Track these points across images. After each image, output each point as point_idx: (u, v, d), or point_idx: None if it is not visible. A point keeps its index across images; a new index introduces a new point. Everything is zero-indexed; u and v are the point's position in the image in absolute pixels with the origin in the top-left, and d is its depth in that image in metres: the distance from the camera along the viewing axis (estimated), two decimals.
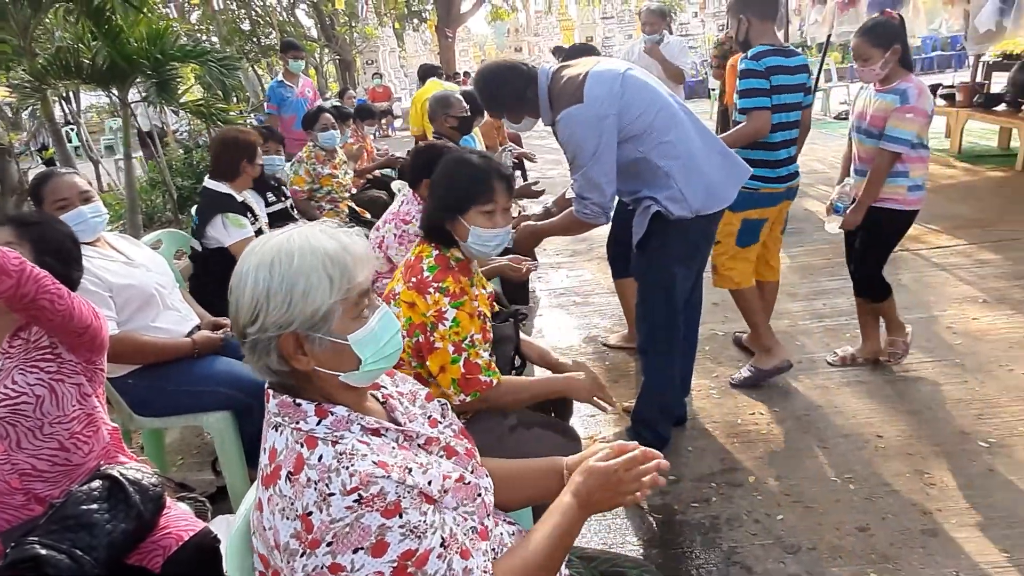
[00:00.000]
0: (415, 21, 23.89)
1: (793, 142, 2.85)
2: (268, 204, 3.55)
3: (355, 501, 0.87)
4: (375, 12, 21.27)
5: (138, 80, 5.63)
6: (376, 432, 0.99)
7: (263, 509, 0.92)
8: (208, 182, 2.97)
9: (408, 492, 0.91)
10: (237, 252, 2.85)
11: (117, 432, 1.70)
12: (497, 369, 1.74)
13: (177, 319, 2.33)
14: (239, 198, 2.97)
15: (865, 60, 2.65)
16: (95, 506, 1.41)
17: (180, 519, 1.57)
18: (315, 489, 0.87)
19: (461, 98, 3.56)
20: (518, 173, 5.94)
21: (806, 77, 2.79)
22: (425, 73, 6.46)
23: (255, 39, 16.63)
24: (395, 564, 0.88)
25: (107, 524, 1.40)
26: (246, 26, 16.61)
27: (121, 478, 1.48)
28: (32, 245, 1.64)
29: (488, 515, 1.08)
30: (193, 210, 3.95)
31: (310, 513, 0.86)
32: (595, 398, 1.81)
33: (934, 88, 7.42)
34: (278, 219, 3.59)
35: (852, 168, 2.89)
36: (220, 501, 2.39)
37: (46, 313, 1.47)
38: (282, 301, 0.93)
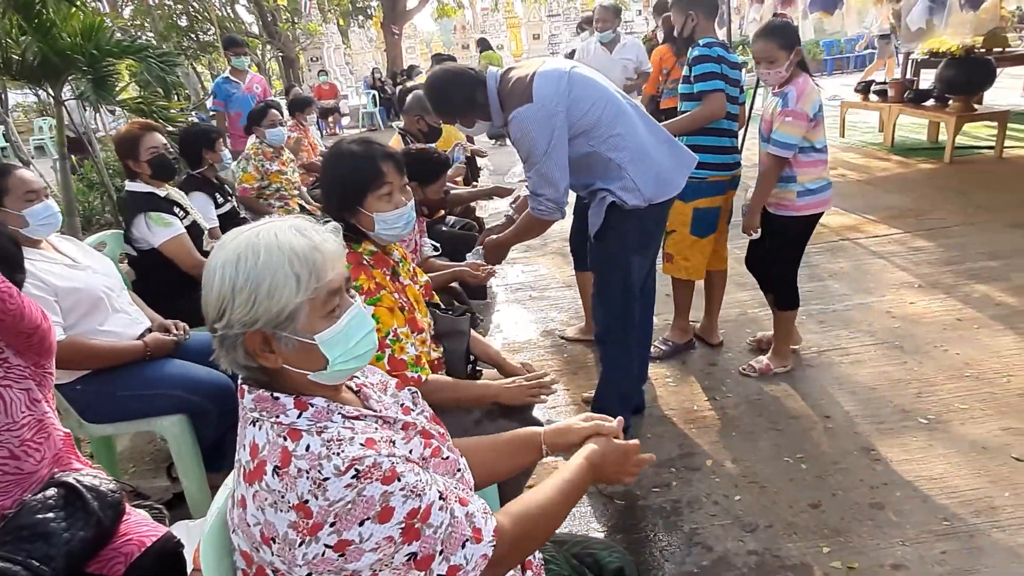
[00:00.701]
0: (360, 18, 23.54)
1: (735, 133, 2.95)
2: (218, 206, 3.44)
3: (353, 477, 0.87)
4: (319, 8, 20.87)
5: (72, 77, 5.40)
6: (356, 419, 0.99)
7: (247, 506, 0.90)
8: (128, 185, 2.85)
9: (399, 460, 0.93)
10: (169, 252, 2.73)
11: (70, 437, 1.64)
12: (427, 365, 1.72)
13: (127, 322, 2.26)
14: (162, 194, 2.81)
15: (771, 63, 2.62)
16: (51, 515, 1.36)
17: (141, 524, 1.53)
18: (307, 478, 0.87)
19: None
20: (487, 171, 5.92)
21: (740, 74, 2.91)
22: (439, 62, 6.27)
23: (193, 35, 16.13)
24: (403, 525, 0.89)
25: (64, 533, 1.35)
26: (183, 22, 16.10)
27: (78, 485, 1.43)
28: None
29: (470, 490, 1.10)
30: None
31: (306, 501, 0.86)
32: (528, 396, 1.80)
33: (867, 84, 7.74)
34: (227, 220, 3.49)
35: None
36: (177, 507, 2.33)
37: None
38: (247, 299, 0.91)
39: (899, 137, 7.43)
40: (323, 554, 0.86)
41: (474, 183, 5.18)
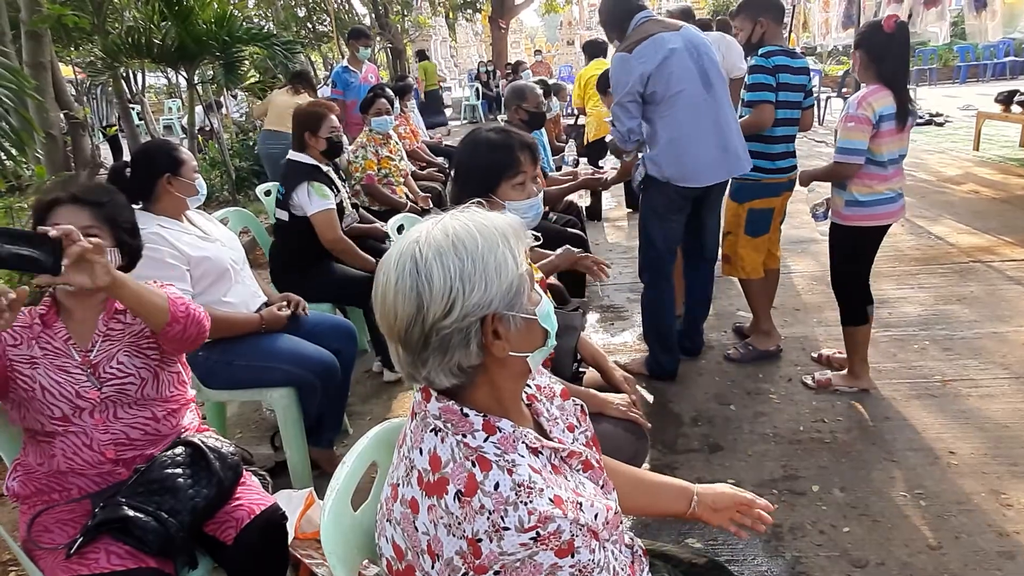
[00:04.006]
0: (469, 11, 23.89)
1: (793, 138, 3.00)
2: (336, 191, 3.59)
3: (531, 539, 0.84)
4: (429, 2, 21.35)
5: (204, 62, 5.76)
6: (536, 451, 0.95)
7: (418, 512, 0.89)
8: (292, 155, 3.01)
9: (580, 530, 0.88)
10: (318, 223, 2.88)
11: (198, 412, 1.75)
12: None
13: (247, 294, 2.37)
14: (324, 169, 3.00)
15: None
16: (179, 471, 1.44)
17: (252, 491, 1.59)
18: (488, 519, 0.84)
19: (539, 93, 3.55)
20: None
21: (807, 79, 2.96)
22: (593, 51, 6.17)
23: (310, 25, 16.87)
24: None
25: (190, 489, 1.43)
26: (301, 12, 16.85)
27: (202, 445, 1.51)
28: (109, 226, 1.58)
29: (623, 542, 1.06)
30: (259, 190, 4.03)
31: (479, 540, 0.84)
32: (631, 413, 1.79)
33: (1011, 94, 7.10)
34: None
35: None
36: (278, 475, 2.42)
37: (186, 346, 1.58)
38: (480, 280, 0.87)
39: None
40: None
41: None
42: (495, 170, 1.69)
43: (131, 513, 1.33)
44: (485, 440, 0.91)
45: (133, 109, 10.24)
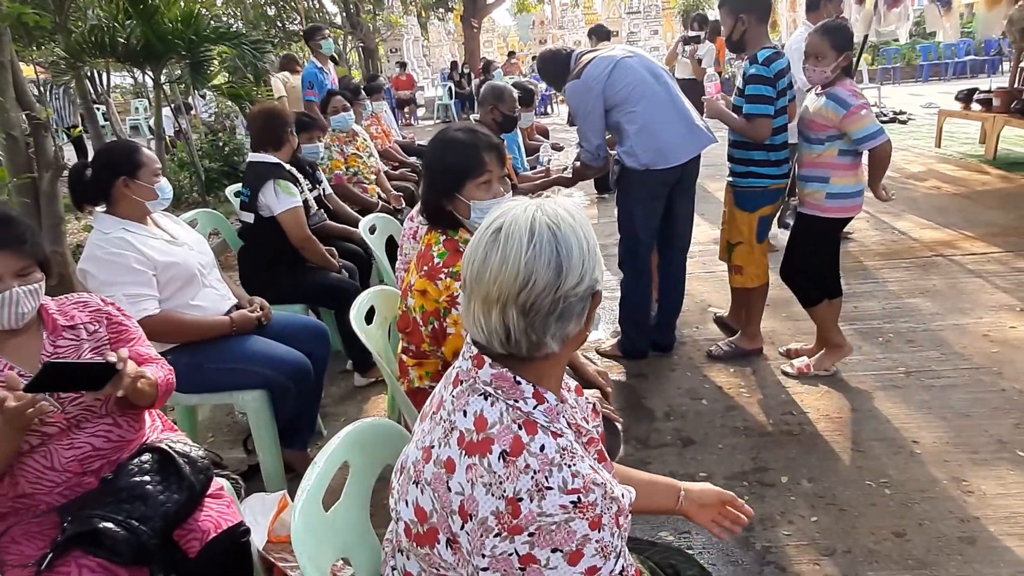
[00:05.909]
0: (441, 10, 23.80)
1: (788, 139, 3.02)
2: (311, 190, 3.55)
3: (572, 503, 0.85)
4: (401, 0, 21.24)
5: (171, 61, 5.66)
6: (569, 428, 0.97)
7: (454, 471, 0.89)
8: (253, 156, 2.96)
9: (609, 508, 0.89)
10: (285, 222, 2.86)
11: (164, 417, 1.72)
12: None
13: (216, 298, 2.35)
14: (286, 167, 2.98)
15: (819, 59, 2.63)
16: (147, 478, 1.42)
17: (223, 504, 1.57)
18: (532, 478, 0.86)
19: (515, 97, 3.53)
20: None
21: (791, 78, 2.95)
22: (600, 35, 5.96)
23: (280, 24, 16.66)
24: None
25: (160, 495, 1.41)
26: (271, 11, 16.63)
27: (169, 450, 1.49)
28: (36, 258, 1.46)
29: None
30: (229, 191, 3.98)
31: (520, 499, 0.85)
32: (603, 408, 1.81)
33: (971, 93, 7.29)
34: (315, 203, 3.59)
35: (794, 174, 2.92)
36: (251, 479, 2.40)
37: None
38: (597, 259, 0.93)
39: (1003, 150, 6.96)
40: (509, 555, 0.84)
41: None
42: (460, 170, 1.70)
43: (101, 525, 1.30)
44: (535, 407, 0.93)
45: (98, 109, 10.04)
